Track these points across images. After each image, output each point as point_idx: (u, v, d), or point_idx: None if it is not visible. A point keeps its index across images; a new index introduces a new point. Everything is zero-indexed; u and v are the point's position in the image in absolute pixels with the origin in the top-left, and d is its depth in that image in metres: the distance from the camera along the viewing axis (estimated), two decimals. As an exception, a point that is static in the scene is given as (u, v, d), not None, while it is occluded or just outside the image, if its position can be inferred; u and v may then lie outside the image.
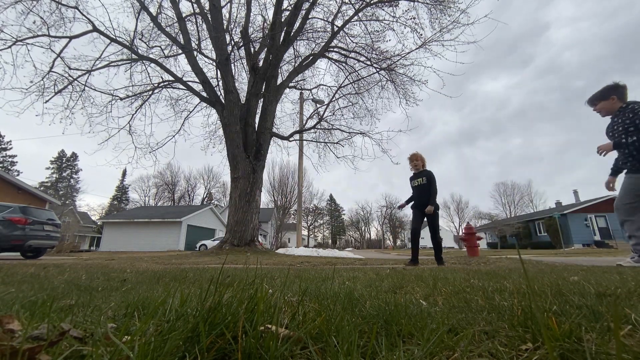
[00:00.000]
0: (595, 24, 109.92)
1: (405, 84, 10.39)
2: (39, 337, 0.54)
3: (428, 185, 4.34)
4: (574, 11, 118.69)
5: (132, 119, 10.44)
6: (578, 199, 30.38)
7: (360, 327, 0.67)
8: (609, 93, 3.33)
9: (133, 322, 0.72)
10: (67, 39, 9.14)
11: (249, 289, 0.76)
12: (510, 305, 0.86)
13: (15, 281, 1.74)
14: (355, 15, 9.87)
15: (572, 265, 3.20)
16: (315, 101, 12.67)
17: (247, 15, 10.06)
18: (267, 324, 0.57)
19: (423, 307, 0.91)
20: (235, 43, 10.44)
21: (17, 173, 46.80)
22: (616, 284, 1.29)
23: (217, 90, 9.80)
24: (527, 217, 32.60)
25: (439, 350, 0.54)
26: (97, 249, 29.52)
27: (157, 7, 9.87)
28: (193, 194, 51.51)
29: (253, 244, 8.79)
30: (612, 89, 3.32)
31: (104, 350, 0.46)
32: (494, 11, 8.83)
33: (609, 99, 3.32)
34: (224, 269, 2.87)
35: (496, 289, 1.23)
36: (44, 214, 9.18)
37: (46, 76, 9.08)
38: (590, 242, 23.96)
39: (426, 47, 9.36)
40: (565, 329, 0.56)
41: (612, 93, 3.31)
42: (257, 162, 9.34)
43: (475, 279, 1.72)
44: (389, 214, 65.83)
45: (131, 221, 24.48)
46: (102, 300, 1.10)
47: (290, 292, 1.11)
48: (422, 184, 4.40)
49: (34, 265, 3.20)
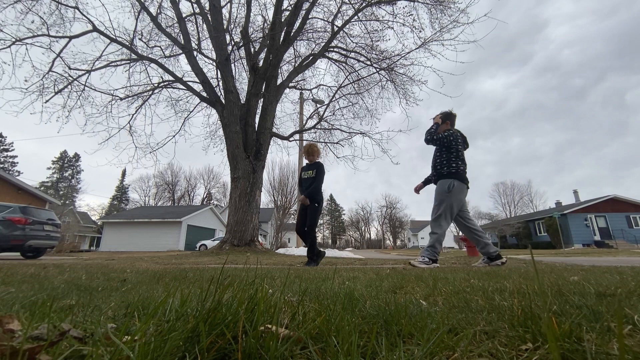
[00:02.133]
0: (594, 21, 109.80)
1: (405, 84, 10.40)
2: (39, 337, 0.54)
3: (313, 179, 4.17)
4: (573, 8, 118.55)
5: (132, 119, 10.46)
6: (578, 199, 30.37)
7: (360, 327, 0.67)
8: (445, 118, 3.91)
9: (133, 322, 0.72)
10: (67, 38, 9.14)
11: (249, 289, 0.76)
12: (510, 305, 0.86)
13: (15, 281, 1.74)
14: (355, 15, 9.87)
15: (572, 265, 3.21)
16: (315, 101, 12.66)
17: (247, 15, 10.06)
18: (267, 324, 0.57)
19: (423, 307, 0.91)
20: (235, 43, 10.43)
21: (17, 173, 46.81)
22: (616, 284, 1.29)
23: (217, 90, 9.79)
24: (527, 217, 32.58)
25: (439, 350, 0.54)
26: (97, 249, 29.52)
27: (157, 7, 9.88)
28: (193, 194, 51.54)
29: (253, 244, 8.79)
30: (448, 115, 3.89)
31: (104, 350, 0.46)
32: (492, 8, 8.81)
33: (444, 122, 3.90)
34: (224, 269, 2.87)
35: (496, 289, 1.23)
36: (44, 214, 9.18)
37: (46, 76, 9.07)
38: (590, 242, 23.95)
39: (426, 46, 9.37)
40: (565, 329, 0.56)
41: (447, 119, 3.87)
42: (257, 162, 9.34)
43: (475, 279, 1.72)
44: (389, 214, 65.80)
45: (131, 221, 24.48)
46: (102, 300, 1.10)
47: (290, 292, 1.11)
48: (311, 177, 4.22)
49: (34, 265, 3.20)
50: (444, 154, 3.70)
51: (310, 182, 4.19)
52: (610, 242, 23.08)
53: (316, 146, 4.45)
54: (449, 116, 3.88)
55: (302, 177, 4.37)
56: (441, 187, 3.61)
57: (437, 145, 3.76)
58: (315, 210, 4.08)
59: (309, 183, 4.20)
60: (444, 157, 3.70)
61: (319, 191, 4.18)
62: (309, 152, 4.38)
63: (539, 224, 29.18)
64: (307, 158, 4.43)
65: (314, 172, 4.21)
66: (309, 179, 4.23)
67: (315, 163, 4.29)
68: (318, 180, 4.15)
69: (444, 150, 3.71)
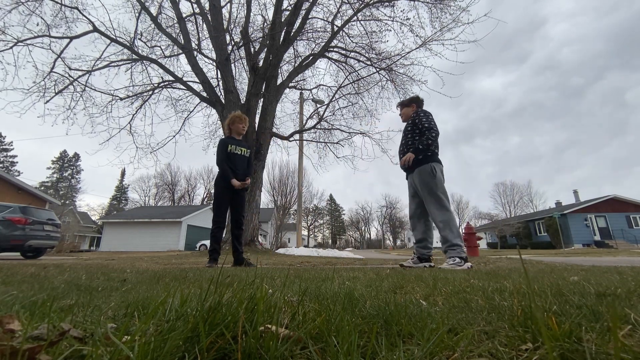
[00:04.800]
0: (594, 19, 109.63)
1: (406, 84, 10.41)
2: (39, 337, 0.54)
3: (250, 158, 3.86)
4: (573, 5, 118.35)
5: (133, 119, 10.46)
6: (578, 199, 30.38)
7: (360, 327, 0.67)
8: (411, 102, 3.75)
9: (133, 322, 0.72)
10: (68, 39, 9.15)
11: (249, 289, 0.76)
12: (510, 305, 0.86)
13: (15, 281, 1.74)
14: (354, 16, 9.88)
15: (572, 265, 3.21)
16: (315, 101, 12.67)
17: (247, 15, 10.07)
18: (267, 324, 0.57)
19: (423, 307, 0.91)
20: (235, 43, 10.44)
21: (17, 173, 46.84)
22: (616, 284, 1.29)
23: (217, 90, 9.80)
24: (527, 217, 32.60)
25: (439, 350, 0.54)
26: (97, 249, 29.52)
27: (157, 7, 9.88)
28: (193, 194, 51.52)
29: (253, 244, 8.79)
30: (414, 99, 3.75)
31: (104, 350, 0.46)
32: (490, 5, 8.85)
33: (410, 106, 3.72)
34: (224, 269, 2.87)
35: (496, 289, 1.23)
36: (44, 214, 9.19)
37: (47, 76, 9.08)
38: (590, 242, 23.96)
39: (426, 46, 9.37)
40: (565, 329, 0.56)
41: (413, 102, 3.72)
42: (257, 162, 9.34)
43: (475, 279, 1.72)
44: (388, 214, 65.81)
45: (131, 221, 24.49)
46: (102, 300, 1.10)
47: (290, 292, 1.11)
48: (247, 156, 3.89)
49: (34, 265, 3.20)
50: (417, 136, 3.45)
51: (244, 160, 3.89)
52: (610, 242, 23.08)
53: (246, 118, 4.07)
54: (416, 100, 3.71)
55: (232, 151, 3.84)
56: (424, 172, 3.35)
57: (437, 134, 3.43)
58: (242, 197, 3.84)
59: (244, 161, 3.90)
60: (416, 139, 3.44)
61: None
62: (245, 122, 3.98)
63: (539, 224, 29.19)
64: (241, 129, 4.00)
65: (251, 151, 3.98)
66: (242, 156, 3.89)
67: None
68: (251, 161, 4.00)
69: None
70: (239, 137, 4.00)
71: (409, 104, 3.74)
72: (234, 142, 3.87)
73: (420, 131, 3.42)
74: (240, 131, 3.96)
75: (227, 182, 3.67)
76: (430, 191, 3.27)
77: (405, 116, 3.73)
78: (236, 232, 3.84)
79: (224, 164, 3.70)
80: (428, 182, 3.29)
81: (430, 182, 3.28)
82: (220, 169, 3.76)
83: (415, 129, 3.48)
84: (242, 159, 3.86)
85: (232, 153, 3.79)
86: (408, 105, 3.74)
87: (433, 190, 3.26)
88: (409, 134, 3.53)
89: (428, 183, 3.28)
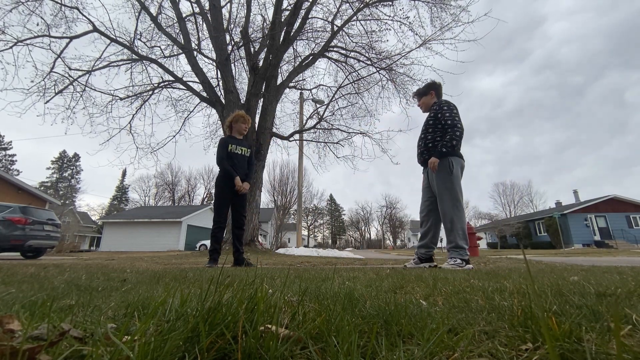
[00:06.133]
0: (593, 18, 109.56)
1: (406, 84, 10.42)
2: (39, 337, 0.54)
3: (251, 157, 3.81)
4: (572, 3, 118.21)
5: (133, 119, 10.46)
6: (578, 199, 30.39)
7: (360, 327, 0.67)
8: (429, 89, 3.47)
9: (133, 322, 0.72)
10: (68, 39, 9.15)
11: (249, 289, 0.76)
12: (510, 305, 0.86)
13: (15, 281, 1.74)
14: (354, 15, 9.88)
15: (572, 265, 3.21)
16: (315, 101, 12.67)
17: (247, 15, 10.07)
18: (267, 324, 0.57)
19: (423, 307, 0.91)
20: (235, 43, 10.44)
21: (16, 173, 46.86)
22: (616, 284, 1.29)
23: (217, 90, 9.80)
24: (527, 217, 32.60)
25: (439, 350, 0.54)
26: (97, 249, 29.53)
27: (157, 7, 9.88)
28: (193, 194, 51.54)
29: (253, 244, 8.79)
30: (431, 85, 3.47)
31: (104, 350, 0.46)
32: (489, 4, 8.90)
33: (428, 94, 3.45)
34: (224, 269, 2.87)
35: (496, 289, 1.23)
36: (44, 214, 9.19)
37: (47, 76, 9.08)
38: (590, 242, 23.97)
39: (427, 45, 9.38)
40: (565, 329, 0.56)
41: (431, 89, 3.45)
42: (257, 162, 9.34)
43: (475, 279, 1.72)
44: (388, 214, 65.79)
45: (131, 221, 24.50)
46: (102, 300, 1.10)
47: (290, 292, 1.11)
48: (247, 156, 3.86)
49: (34, 265, 3.20)
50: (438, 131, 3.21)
51: (245, 160, 3.86)
52: (610, 242, 23.09)
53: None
54: (431, 87, 3.44)
55: (233, 151, 3.82)
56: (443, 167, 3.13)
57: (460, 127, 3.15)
58: (243, 198, 3.79)
59: (244, 161, 3.86)
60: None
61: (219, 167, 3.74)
62: (247, 121, 3.96)
63: (539, 224, 29.19)
64: (244, 129, 3.96)
65: (251, 151, 3.90)
66: (243, 156, 3.86)
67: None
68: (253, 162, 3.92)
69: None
70: (240, 137, 3.98)
71: (426, 91, 3.45)
72: (235, 141, 3.84)
73: (442, 127, 3.15)
74: (241, 131, 3.93)
75: (229, 181, 3.65)
76: (444, 188, 3.08)
77: (425, 106, 3.46)
78: (237, 232, 3.83)
79: (225, 162, 3.68)
80: (443, 178, 3.09)
81: (445, 179, 3.08)
82: (220, 168, 3.73)
83: (437, 123, 3.20)
84: (243, 159, 3.84)
85: (232, 152, 3.75)
86: (426, 93, 3.46)
87: (447, 187, 3.07)
88: (430, 128, 3.26)
89: (443, 179, 3.09)
